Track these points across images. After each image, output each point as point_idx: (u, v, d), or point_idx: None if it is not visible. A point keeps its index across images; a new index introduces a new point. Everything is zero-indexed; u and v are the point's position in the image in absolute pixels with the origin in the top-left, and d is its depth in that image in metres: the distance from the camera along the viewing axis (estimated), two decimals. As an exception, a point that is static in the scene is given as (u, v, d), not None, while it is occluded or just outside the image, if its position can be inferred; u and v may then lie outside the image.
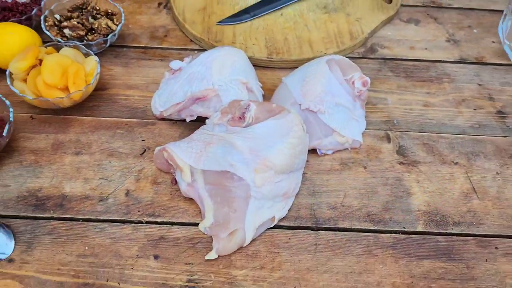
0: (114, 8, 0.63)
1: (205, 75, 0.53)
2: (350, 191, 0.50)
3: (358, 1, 0.71)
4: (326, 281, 0.43)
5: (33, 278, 0.42)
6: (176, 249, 0.45)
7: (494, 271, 0.45)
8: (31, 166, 0.50)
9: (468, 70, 0.65)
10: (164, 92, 0.56)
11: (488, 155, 0.54)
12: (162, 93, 0.56)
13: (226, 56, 0.55)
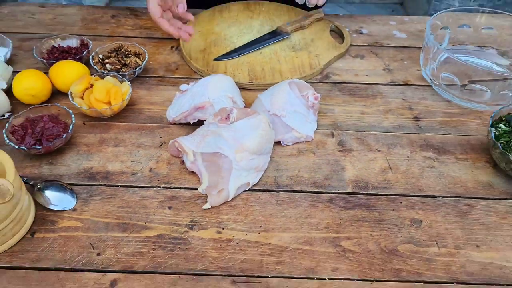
0: (140, 50, 0.89)
1: (203, 93, 0.77)
2: (302, 168, 0.73)
3: (317, 42, 0.96)
4: (282, 222, 0.65)
5: (89, 220, 0.64)
6: (183, 203, 0.67)
7: (397, 216, 0.66)
8: (85, 154, 0.74)
9: (396, 89, 0.88)
10: (175, 105, 0.80)
11: (403, 145, 0.77)
12: (174, 106, 0.80)
13: (219, 80, 0.79)
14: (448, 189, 0.70)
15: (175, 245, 0.62)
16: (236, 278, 0.59)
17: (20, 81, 0.78)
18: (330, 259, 0.61)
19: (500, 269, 0.61)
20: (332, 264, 0.60)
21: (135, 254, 0.61)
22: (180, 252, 0.61)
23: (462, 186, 0.71)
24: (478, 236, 0.64)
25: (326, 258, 0.61)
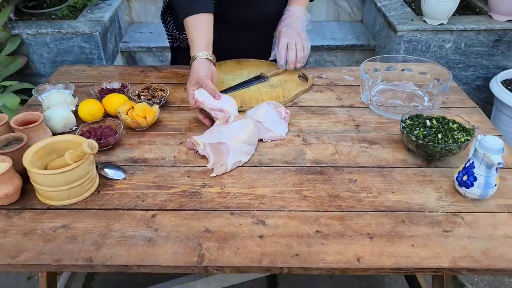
0: (164, 87, 1.27)
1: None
2: (277, 154, 1.07)
3: (289, 83, 1.35)
4: (263, 183, 0.97)
5: (135, 184, 0.97)
6: (197, 174, 1.00)
7: (340, 178, 0.99)
8: (129, 149, 1.08)
9: (344, 110, 1.25)
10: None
11: (346, 140, 1.12)
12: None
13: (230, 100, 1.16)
14: (375, 163, 1.04)
15: (192, 195, 0.94)
16: (233, 211, 0.90)
17: (84, 106, 1.14)
18: (295, 201, 0.93)
19: (406, 204, 0.93)
20: (296, 203, 0.92)
21: (166, 201, 0.93)
22: (195, 199, 0.93)
23: (385, 161, 1.05)
24: (393, 187, 0.97)
25: (292, 200, 0.93)
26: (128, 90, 1.26)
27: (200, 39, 1.16)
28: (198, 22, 1.17)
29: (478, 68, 2.43)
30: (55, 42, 2.22)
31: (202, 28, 1.17)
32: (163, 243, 0.83)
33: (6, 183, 0.89)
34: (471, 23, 2.30)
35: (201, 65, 1.13)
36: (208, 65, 1.14)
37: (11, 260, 0.80)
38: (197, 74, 1.12)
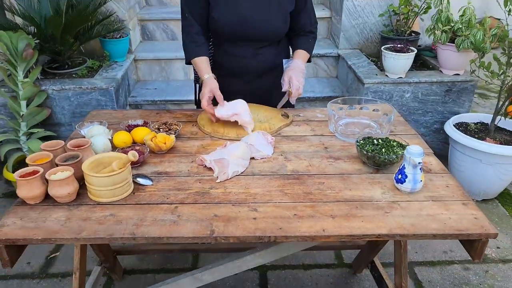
0: (178, 123, 1.64)
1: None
2: (265, 167, 1.42)
3: (273, 119, 1.73)
4: (255, 185, 1.32)
5: (160, 188, 1.31)
6: (206, 180, 1.35)
7: (312, 181, 1.34)
8: (153, 166, 1.43)
9: (316, 137, 1.63)
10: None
11: (317, 157, 1.48)
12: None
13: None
14: (338, 172, 1.40)
15: (204, 194, 1.28)
16: (234, 203, 1.24)
17: (118, 136, 1.50)
18: (278, 196, 1.27)
19: (359, 197, 1.28)
20: (280, 198, 1.27)
21: (184, 198, 1.27)
22: (206, 196, 1.27)
23: (345, 170, 1.41)
24: (350, 186, 1.32)
25: (276, 196, 1.28)
26: (149, 125, 1.63)
27: (204, 68, 1.73)
28: (201, 61, 1.74)
29: (434, 114, 2.87)
30: (76, 96, 2.61)
31: (205, 63, 1.74)
32: (184, 223, 1.16)
33: (69, 185, 1.22)
34: (425, 77, 2.76)
35: (211, 80, 1.67)
36: (214, 81, 1.68)
37: (76, 235, 1.12)
38: (210, 86, 1.65)
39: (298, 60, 1.80)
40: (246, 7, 1.67)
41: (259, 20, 1.70)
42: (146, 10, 3.58)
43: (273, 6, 1.71)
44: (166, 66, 3.30)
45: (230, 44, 1.75)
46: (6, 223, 1.17)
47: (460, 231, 1.15)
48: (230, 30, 1.70)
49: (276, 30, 1.77)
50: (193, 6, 1.69)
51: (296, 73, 1.73)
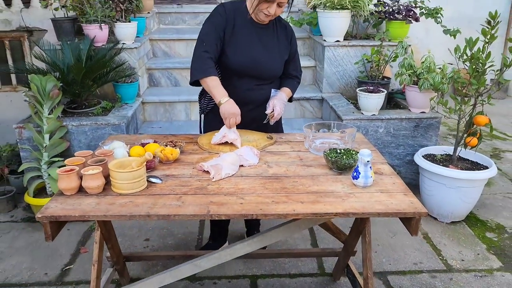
0: (182, 142, 2.02)
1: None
2: (251, 172, 1.79)
3: (260, 140, 2.11)
4: (244, 183, 1.68)
5: (168, 183, 1.67)
6: (204, 180, 1.71)
7: (289, 180, 1.71)
8: (162, 171, 1.79)
9: (294, 152, 2.00)
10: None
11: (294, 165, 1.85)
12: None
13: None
14: (309, 174, 1.76)
15: (202, 188, 1.64)
16: (225, 194, 1.60)
17: (134, 149, 1.88)
18: (261, 190, 1.63)
19: (324, 190, 1.63)
20: (261, 191, 1.62)
21: (187, 191, 1.62)
22: (204, 190, 1.63)
23: (315, 173, 1.77)
24: (317, 184, 1.68)
25: (259, 189, 1.63)
26: (159, 142, 2.01)
27: (220, 90, 2.01)
28: (213, 81, 2.01)
29: (406, 147, 3.26)
30: (91, 131, 3.01)
31: (218, 85, 2.01)
32: (187, 206, 1.52)
33: (98, 179, 1.58)
34: (395, 114, 3.19)
35: (231, 103, 1.99)
36: (233, 103, 1.99)
37: (105, 213, 1.47)
38: (231, 108, 1.97)
39: (283, 94, 2.21)
40: (256, 51, 2.11)
41: (264, 62, 2.14)
42: (153, 61, 4.08)
43: (275, 54, 2.17)
44: (169, 108, 3.74)
45: (237, 78, 2.14)
46: (50, 206, 1.51)
47: (399, 211, 1.51)
48: (241, 67, 2.11)
49: (275, 71, 2.21)
50: (211, 37, 2.05)
51: (279, 102, 2.14)
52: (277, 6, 1.98)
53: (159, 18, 4.69)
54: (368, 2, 3.42)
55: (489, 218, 3.10)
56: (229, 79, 2.14)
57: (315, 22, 3.77)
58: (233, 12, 2.09)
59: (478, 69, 2.74)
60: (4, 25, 4.29)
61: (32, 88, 2.78)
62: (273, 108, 2.12)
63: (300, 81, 2.36)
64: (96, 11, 3.39)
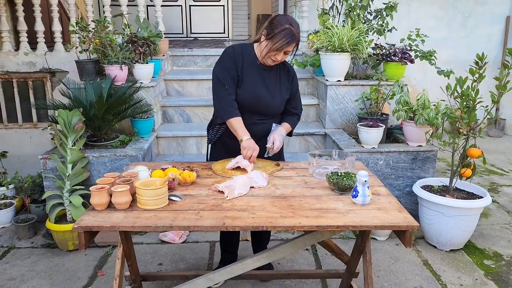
0: (197, 167, 2.24)
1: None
2: (261, 192, 1.99)
3: (268, 166, 2.32)
4: (255, 201, 1.88)
5: (187, 201, 1.87)
6: (219, 198, 1.90)
7: (294, 199, 1.90)
8: (181, 191, 1.99)
9: (300, 177, 2.20)
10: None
11: (299, 187, 2.05)
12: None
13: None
14: (313, 195, 1.96)
15: (217, 206, 1.84)
16: (238, 210, 1.79)
17: (156, 172, 2.09)
18: (269, 207, 1.83)
19: (326, 207, 1.83)
20: (270, 208, 1.82)
21: (204, 207, 1.82)
22: (219, 207, 1.83)
23: (319, 194, 1.97)
24: (321, 202, 1.88)
25: (268, 207, 1.83)
26: (177, 168, 2.23)
27: (243, 130, 2.29)
28: (237, 121, 2.30)
29: (405, 179, 3.45)
30: (110, 162, 3.24)
31: (241, 124, 2.30)
32: (204, 219, 1.71)
33: (125, 196, 1.79)
34: (394, 147, 3.40)
35: (251, 141, 2.26)
36: (253, 141, 2.26)
37: (132, 224, 1.66)
38: (252, 144, 2.25)
39: (282, 129, 2.44)
40: (260, 90, 2.36)
41: (267, 100, 2.39)
42: (167, 99, 4.37)
43: (277, 93, 2.42)
44: (181, 142, 3.98)
45: (242, 112, 2.35)
46: (84, 218, 1.71)
47: (393, 224, 1.69)
48: (245, 103, 2.35)
49: (276, 109, 2.45)
50: (228, 79, 2.31)
51: (279, 137, 2.37)
52: (283, 54, 2.25)
53: (172, 61, 5.03)
54: (367, 45, 3.72)
55: (487, 246, 3.24)
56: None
57: (317, 63, 4.07)
58: (241, 54, 2.36)
59: (469, 105, 2.98)
60: (29, 66, 4.64)
61: (59, 122, 3.03)
62: (273, 142, 2.33)
63: (300, 117, 2.59)
64: (117, 53, 3.71)
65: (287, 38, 2.17)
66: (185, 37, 8.56)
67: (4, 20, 4.50)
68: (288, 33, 2.17)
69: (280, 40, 2.17)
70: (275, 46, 2.19)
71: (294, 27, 2.20)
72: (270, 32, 2.21)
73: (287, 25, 2.18)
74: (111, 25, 4.08)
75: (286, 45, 2.19)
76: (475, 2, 5.76)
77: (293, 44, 2.22)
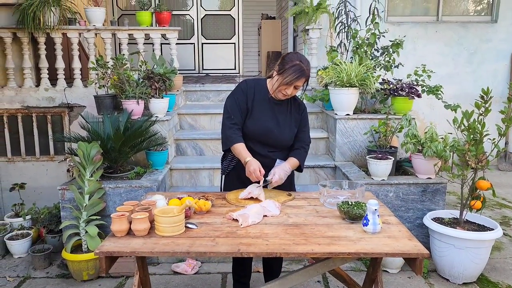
0: (212, 196, 2.31)
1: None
2: (274, 220, 2.05)
3: (280, 196, 2.39)
4: (267, 229, 1.94)
5: (203, 229, 1.93)
6: (234, 226, 1.97)
7: (306, 227, 1.96)
8: (197, 219, 2.06)
9: (311, 206, 2.26)
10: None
11: (311, 216, 2.11)
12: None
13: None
14: (325, 223, 2.02)
15: (232, 233, 1.90)
16: (252, 237, 1.85)
17: (172, 201, 2.17)
18: (282, 234, 1.89)
19: (338, 235, 1.88)
20: (283, 235, 1.88)
21: (219, 234, 1.88)
22: (234, 234, 1.89)
23: (330, 223, 2.02)
24: (332, 230, 1.93)
25: (281, 234, 1.89)
26: (192, 197, 2.30)
27: (246, 152, 2.37)
28: (240, 146, 2.39)
29: (416, 211, 3.48)
30: (126, 193, 3.32)
31: (244, 148, 2.39)
32: (220, 246, 1.77)
33: (144, 223, 1.86)
34: (403, 179, 3.45)
35: (254, 161, 2.31)
36: (257, 161, 2.31)
37: (151, 250, 1.73)
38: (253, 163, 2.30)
39: (287, 164, 2.50)
40: (270, 123, 2.47)
41: (276, 133, 2.49)
42: (180, 132, 4.50)
43: (287, 126, 2.52)
44: (194, 175, 4.07)
45: (253, 144, 2.46)
46: (105, 244, 1.79)
47: (404, 252, 1.74)
48: (256, 135, 2.46)
49: (285, 141, 2.55)
50: (236, 110, 2.44)
51: (280, 171, 2.43)
52: (293, 88, 2.37)
53: (186, 95, 5.21)
54: (374, 81, 3.85)
55: (500, 280, 3.21)
56: (246, 144, 2.47)
57: (327, 98, 4.20)
58: (253, 88, 2.50)
59: (476, 138, 3.04)
60: (48, 101, 4.83)
61: (79, 153, 3.15)
62: (273, 175, 2.40)
63: (307, 149, 2.63)
64: (134, 89, 3.87)
65: (296, 73, 2.30)
66: (197, 73, 8.82)
67: (27, 58, 4.74)
68: (298, 68, 2.30)
69: (290, 75, 2.30)
70: (285, 80, 2.32)
71: (303, 63, 2.33)
72: (281, 68, 2.34)
73: (297, 61, 2.32)
74: (129, 62, 4.28)
75: (295, 80, 2.31)
76: (480, 39, 5.91)
77: (303, 79, 2.34)
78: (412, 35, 5.71)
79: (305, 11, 4.88)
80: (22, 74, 4.80)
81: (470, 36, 5.87)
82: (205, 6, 8.74)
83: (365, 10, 4.80)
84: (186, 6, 8.77)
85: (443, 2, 5.88)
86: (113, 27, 4.89)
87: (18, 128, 4.90)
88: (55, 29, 4.59)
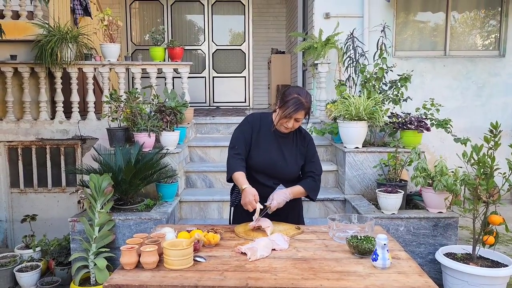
0: (221, 229, 2.32)
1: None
2: (282, 254, 2.04)
3: (289, 230, 2.38)
4: (277, 263, 1.93)
5: (211, 263, 1.93)
6: (242, 260, 1.96)
7: (315, 262, 1.95)
8: (206, 252, 2.06)
9: (320, 240, 2.25)
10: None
11: (320, 250, 2.10)
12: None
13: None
14: (334, 258, 2.00)
15: (241, 267, 1.90)
16: (261, 271, 1.85)
17: (181, 234, 2.18)
18: (291, 269, 1.88)
19: (347, 270, 1.87)
20: (291, 269, 1.87)
21: (228, 268, 1.88)
22: (242, 268, 1.88)
23: (339, 257, 2.01)
24: (341, 265, 1.92)
25: (290, 268, 1.88)
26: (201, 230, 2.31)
27: (244, 180, 2.36)
28: (240, 175, 2.39)
29: (427, 246, 3.43)
30: (135, 225, 3.34)
31: (243, 177, 2.39)
32: (228, 280, 1.77)
33: (154, 256, 1.87)
34: (414, 214, 3.42)
35: (251, 189, 2.31)
36: (253, 189, 2.31)
37: (160, 283, 1.73)
38: (252, 192, 2.29)
39: (287, 190, 2.48)
40: (275, 155, 2.50)
41: (282, 164, 2.51)
42: (190, 164, 4.54)
43: (292, 159, 2.54)
44: (204, 207, 4.08)
45: (258, 176, 2.50)
46: (114, 277, 1.79)
47: (414, 288, 1.71)
48: (261, 168, 2.49)
49: (290, 174, 2.56)
50: (240, 141, 2.50)
51: (278, 196, 2.42)
52: (294, 121, 2.41)
53: (196, 128, 5.28)
54: (383, 114, 3.88)
55: (516, 319, 3.12)
56: (252, 176, 2.51)
57: (336, 131, 4.23)
58: (259, 121, 2.56)
59: (486, 172, 3.03)
60: (62, 134, 4.94)
61: (90, 185, 3.20)
62: (271, 200, 2.40)
63: (316, 178, 2.60)
64: (146, 122, 3.95)
65: (295, 106, 2.36)
66: (208, 106, 8.95)
67: (44, 92, 4.89)
68: (296, 101, 2.36)
69: (289, 108, 2.37)
70: (285, 113, 2.38)
71: (302, 96, 2.39)
72: (281, 102, 2.42)
73: (295, 94, 2.39)
74: (141, 96, 4.38)
75: (294, 112, 2.37)
76: (488, 73, 5.95)
77: (302, 112, 2.39)
78: (420, 69, 5.78)
79: (314, 46, 4.99)
80: (38, 107, 4.94)
81: (478, 70, 5.91)
82: (216, 41, 8.97)
83: (373, 45, 4.90)
84: (198, 41, 9.01)
85: (451, 37, 5.97)
86: (127, 62, 5.04)
87: (32, 160, 4.99)
88: (71, 64, 4.75)
